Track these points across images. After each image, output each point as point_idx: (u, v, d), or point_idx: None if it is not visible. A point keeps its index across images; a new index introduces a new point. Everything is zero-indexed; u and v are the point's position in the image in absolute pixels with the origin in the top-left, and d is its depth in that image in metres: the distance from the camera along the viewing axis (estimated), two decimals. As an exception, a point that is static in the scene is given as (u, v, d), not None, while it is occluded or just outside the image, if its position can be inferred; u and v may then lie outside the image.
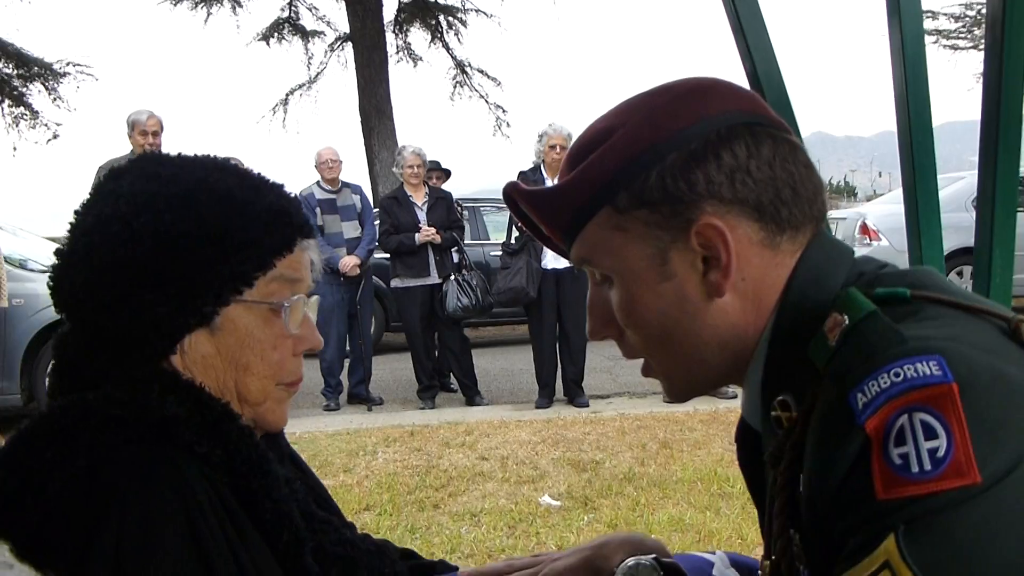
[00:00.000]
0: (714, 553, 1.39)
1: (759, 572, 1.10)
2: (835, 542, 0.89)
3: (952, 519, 0.79)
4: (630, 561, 1.22)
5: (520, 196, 1.15)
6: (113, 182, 1.17)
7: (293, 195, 1.26)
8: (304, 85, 20.95)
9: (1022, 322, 0.91)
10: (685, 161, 1.01)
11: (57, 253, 1.16)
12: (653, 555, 1.23)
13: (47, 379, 1.19)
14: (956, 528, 0.79)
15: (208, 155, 1.24)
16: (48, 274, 1.17)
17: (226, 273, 1.13)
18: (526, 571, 1.37)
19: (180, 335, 1.13)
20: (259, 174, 1.23)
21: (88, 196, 1.19)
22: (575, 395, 7.86)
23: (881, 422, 0.83)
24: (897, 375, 0.84)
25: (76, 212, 1.18)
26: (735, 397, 7.60)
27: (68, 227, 1.17)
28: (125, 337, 1.10)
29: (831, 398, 0.90)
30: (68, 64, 19.79)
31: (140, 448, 1.02)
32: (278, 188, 1.23)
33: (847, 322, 0.93)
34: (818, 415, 0.92)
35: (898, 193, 12.14)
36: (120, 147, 7.78)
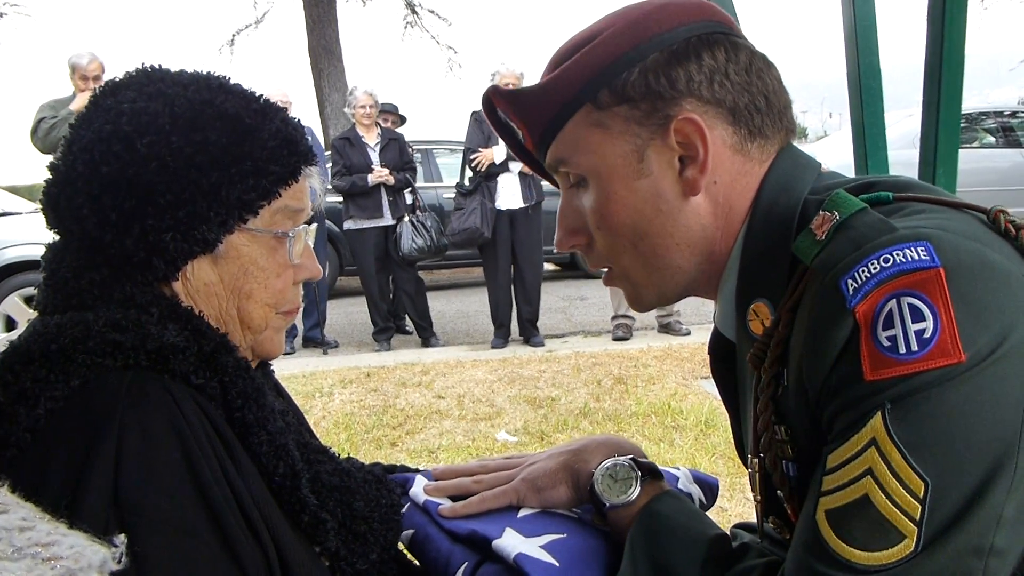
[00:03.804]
0: (679, 469, 1.43)
1: (748, 470, 1.14)
2: (823, 430, 0.93)
3: (937, 397, 0.83)
4: (608, 462, 1.24)
5: (500, 98, 1.17)
6: (112, 97, 1.13)
7: (296, 119, 1.22)
8: (251, 25, 20.53)
9: (1001, 212, 0.95)
10: (667, 59, 1.06)
11: (52, 168, 1.12)
12: (630, 456, 1.25)
13: (36, 291, 1.14)
14: (941, 406, 0.83)
15: (207, 72, 1.20)
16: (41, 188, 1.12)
17: (232, 201, 1.10)
18: (502, 473, 1.38)
19: (183, 261, 1.11)
20: (262, 96, 1.19)
21: (85, 110, 1.14)
22: (530, 334, 7.90)
23: (870, 307, 0.87)
24: (886, 261, 0.87)
25: (71, 126, 1.13)
26: (688, 334, 7.73)
27: (63, 142, 1.12)
28: (127, 258, 1.08)
29: (821, 286, 0.93)
30: (4, 4, 19.16)
31: (136, 373, 1.00)
32: (283, 113, 1.20)
33: (838, 218, 0.97)
34: (807, 305, 0.95)
35: (847, 132, 12.24)
36: (61, 89, 7.62)
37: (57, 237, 1.16)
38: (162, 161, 1.07)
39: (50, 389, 0.96)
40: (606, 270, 1.19)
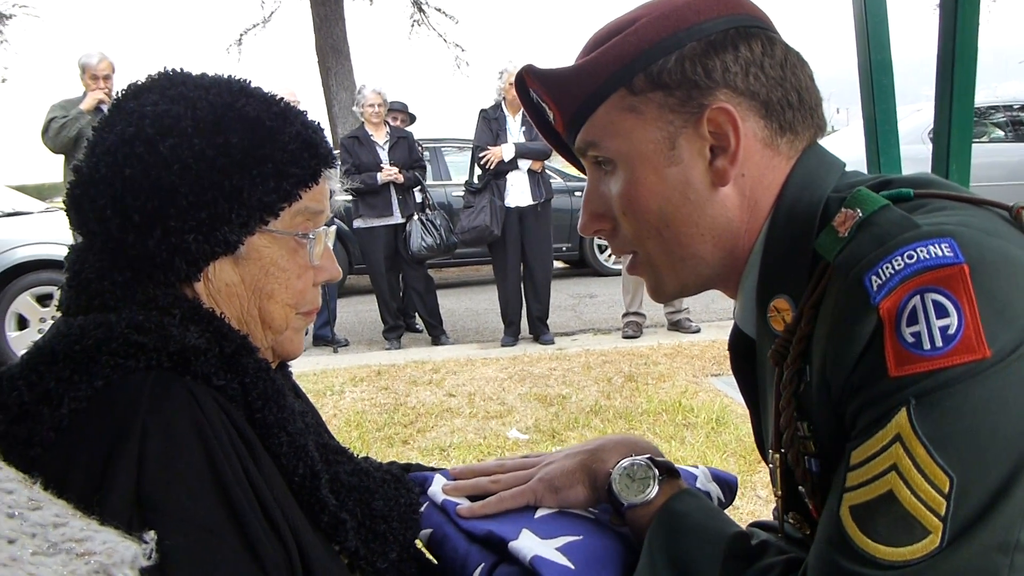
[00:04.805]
0: (697, 467, 1.43)
1: (769, 465, 1.14)
2: (846, 426, 0.93)
3: (962, 393, 0.83)
4: (625, 462, 1.24)
5: (534, 77, 1.17)
6: (134, 100, 1.14)
7: (316, 123, 1.23)
8: (258, 24, 20.57)
9: (1023, 209, 0.95)
10: (704, 49, 1.06)
11: (75, 170, 1.13)
12: (647, 455, 1.25)
13: (59, 292, 1.16)
14: (966, 402, 0.83)
15: (228, 76, 1.21)
16: (65, 190, 1.14)
17: (253, 203, 1.12)
18: (519, 472, 1.38)
19: (205, 262, 1.12)
20: (282, 99, 1.20)
21: (107, 113, 1.16)
22: (540, 332, 7.90)
23: (894, 303, 0.87)
24: (910, 257, 0.88)
25: (94, 129, 1.15)
26: (698, 331, 7.71)
27: (87, 145, 1.14)
28: (150, 259, 1.09)
29: (844, 283, 0.93)
30: (14, 5, 19.25)
31: (159, 375, 1.01)
32: (303, 116, 1.21)
33: (860, 215, 0.97)
34: (830, 302, 0.96)
35: (855, 128, 12.23)
36: (71, 89, 7.64)
37: (80, 238, 1.17)
38: (184, 163, 1.08)
39: (73, 389, 0.97)
40: (630, 256, 1.19)
